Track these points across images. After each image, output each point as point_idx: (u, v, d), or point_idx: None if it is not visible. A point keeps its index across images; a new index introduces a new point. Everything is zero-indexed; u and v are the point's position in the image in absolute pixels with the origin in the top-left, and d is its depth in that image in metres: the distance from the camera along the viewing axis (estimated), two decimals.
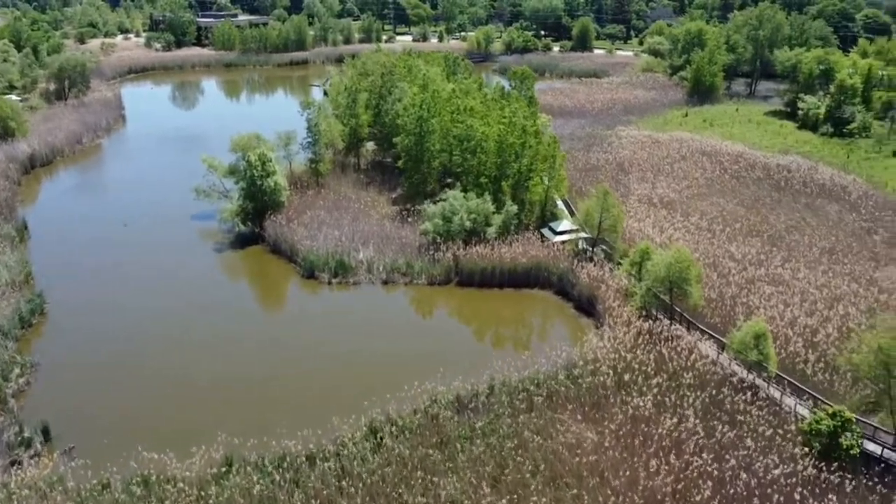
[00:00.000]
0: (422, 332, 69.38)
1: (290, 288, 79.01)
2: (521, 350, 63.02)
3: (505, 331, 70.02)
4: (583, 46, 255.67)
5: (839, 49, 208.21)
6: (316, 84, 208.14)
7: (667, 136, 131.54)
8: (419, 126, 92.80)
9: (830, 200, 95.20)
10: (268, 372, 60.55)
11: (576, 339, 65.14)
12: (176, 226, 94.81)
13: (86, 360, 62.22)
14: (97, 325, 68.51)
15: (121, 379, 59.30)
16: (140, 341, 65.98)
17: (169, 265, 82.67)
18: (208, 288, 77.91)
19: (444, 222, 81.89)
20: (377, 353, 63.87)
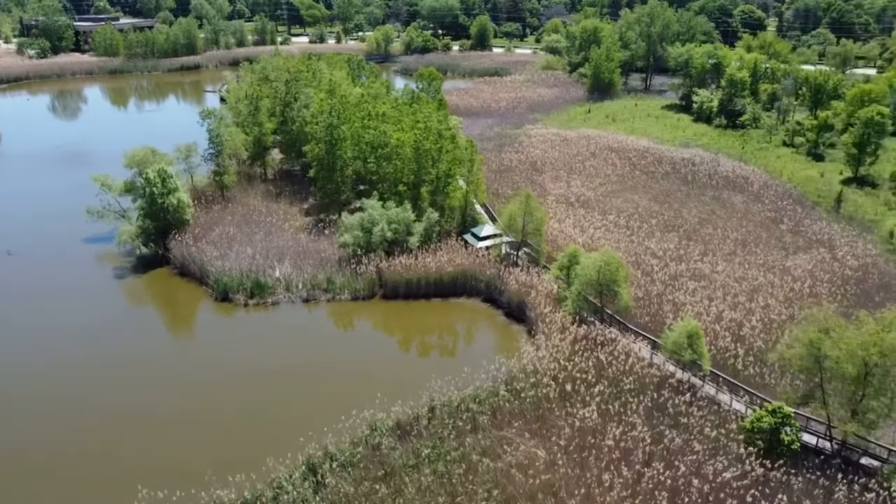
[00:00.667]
0: (351, 352, 66.12)
1: (203, 313, 73.74)
2: (456, 364, 60.99)
3: (438, 345, 67.90)
4: (482, 45, 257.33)
5: (722, 43, 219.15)
6: (210, 89, 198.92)
7: (574, 133, 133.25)
8: (329, 133, 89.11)
9: (735, 192, 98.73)
10: (184, 409, 55.80)
11: (511, 348, 63.85)
12: (68, 252, 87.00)
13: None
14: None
15: (3, 426, 53.06)
16: (29, 378, 59.53)
17: (62, 294, 75.55)
18: (109, 317, 71.47)
19: (364, 234, 78.83)
20: (306, 378, 60.31)
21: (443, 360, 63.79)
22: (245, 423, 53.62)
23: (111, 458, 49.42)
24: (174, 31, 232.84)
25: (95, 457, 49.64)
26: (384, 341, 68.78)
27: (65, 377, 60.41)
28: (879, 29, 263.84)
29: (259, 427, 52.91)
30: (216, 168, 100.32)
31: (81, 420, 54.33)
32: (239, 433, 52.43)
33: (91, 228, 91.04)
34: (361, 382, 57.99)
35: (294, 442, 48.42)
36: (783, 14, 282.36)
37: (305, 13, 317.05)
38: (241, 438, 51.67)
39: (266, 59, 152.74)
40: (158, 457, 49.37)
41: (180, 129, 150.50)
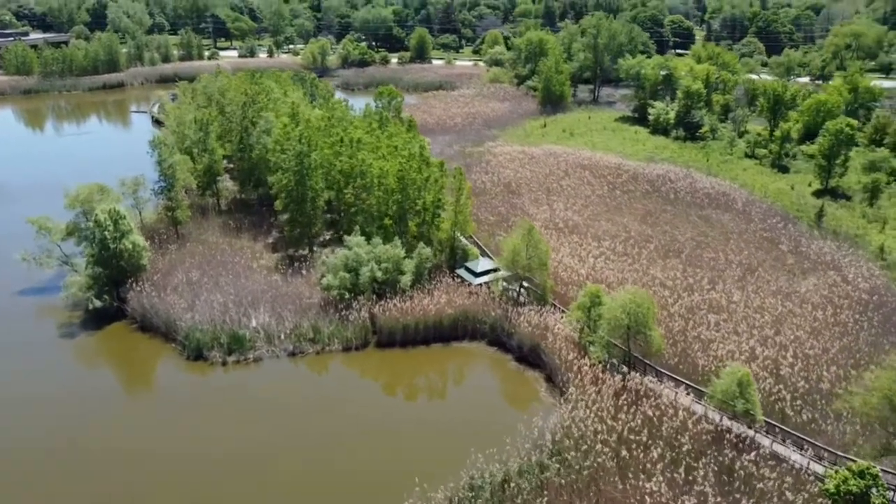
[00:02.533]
0: (355, 417, 58.61)
1: (173, 375, 64.56)
2: (482, 425, 54.66)
3: (453, 401, 60.95)
4: (421, 57, 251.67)
5: (657, 53, 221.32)
6: (138, 110, 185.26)
7: (539, 150, 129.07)
8: (300, 162, 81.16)
9: (721, 210, 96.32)
10: (161, 497, 47.30)
11: (530, 398, 58.29)
12: (2, 305, 75.77)
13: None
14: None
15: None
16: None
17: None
18: (60, 387, 61.54)
19: (350, 275, 71.41)
20: (308, 457, 52.62)
21: (465, 422, 57.00)
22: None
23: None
24: (94, 47, 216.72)
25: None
26: (391, 402, 61.57)
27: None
28: (802, 38, 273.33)
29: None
30: (169, 202, 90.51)
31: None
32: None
33: (26, 278, 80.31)
34: (373, 459, 50.89)
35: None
36: (711, 24, 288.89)
37: (232, 26, 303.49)
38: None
39: (207, 77, 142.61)
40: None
41: (110, 154, 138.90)
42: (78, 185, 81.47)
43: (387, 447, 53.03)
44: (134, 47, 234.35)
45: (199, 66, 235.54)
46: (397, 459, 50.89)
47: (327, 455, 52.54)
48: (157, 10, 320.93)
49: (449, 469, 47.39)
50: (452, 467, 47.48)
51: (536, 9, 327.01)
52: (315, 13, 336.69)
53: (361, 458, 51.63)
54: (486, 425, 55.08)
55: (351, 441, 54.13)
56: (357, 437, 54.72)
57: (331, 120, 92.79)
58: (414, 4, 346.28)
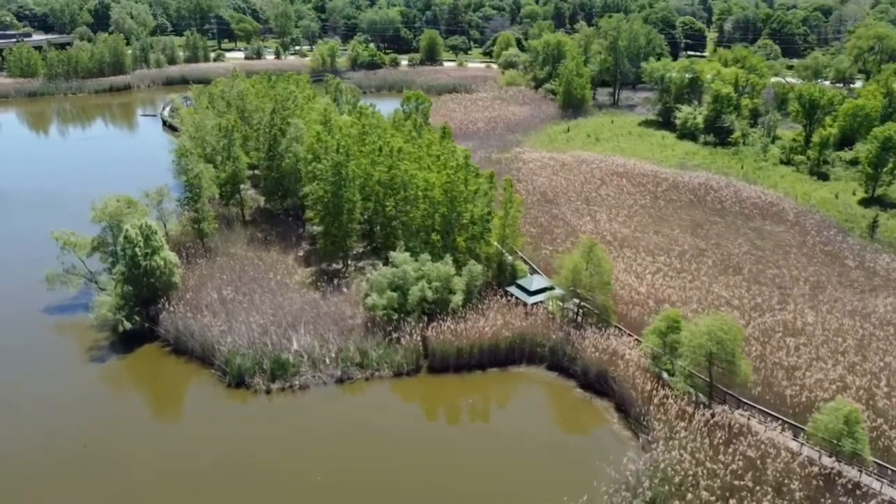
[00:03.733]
0: (420, 452, 54.14)
1: (214, 404, 60.03)
2: (563, 465, 50.37)
3: (520, 434, 55.72)
4: (431, 59, 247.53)
5: (670, 55, 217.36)
6: (147, 113, 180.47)
7: (569, 156, 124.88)
8: (337, 173, 76.71)
9: (772, 221, 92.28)
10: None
11: (604, 432, 53.98)
12: (23, 329, 71.15)
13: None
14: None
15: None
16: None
17: (22, 389, 60.32)
18: (92, 419, 56.99)
19: (398, 294, 66.97)
20: (358, 493, 48.26)
21: (539, 459, 52.57)
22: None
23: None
24: (99, 49, 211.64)
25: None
26: (451, 435, 57.12)
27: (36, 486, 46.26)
28: (816, 40, 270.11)
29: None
30: (195, 214, 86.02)
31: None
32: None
33: (48, 297, 75.58)
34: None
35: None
36: (723, 26, 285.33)
37: (236, 27, 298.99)
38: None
39: (224, 81, 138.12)
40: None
41: (122, 161, 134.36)
42: (104, 197, 76.82)
43: (454, 489, 48.67)
44: (139, 49, 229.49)
45: (207, 69, 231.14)
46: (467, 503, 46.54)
47: (384, 495, 48.16)
48: (159, 11, 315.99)
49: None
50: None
51: (544, 10, 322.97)
52: (319, 14, 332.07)
53: (425, 501, 47.31)
54: (564, 464, 50.85)
55: (411, 481, 49.75)
56: (418, 475, 50.36)
57: (364, 127, 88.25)
58: (418, 6, 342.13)
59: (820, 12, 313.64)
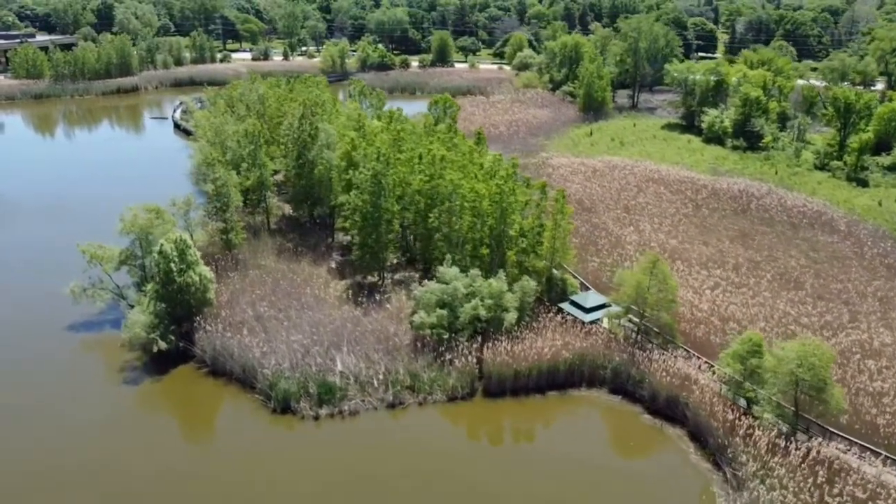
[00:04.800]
0: (482, 488, 50.33)
1: (259, 431, 56.18)
2: (646, 502, 46.66)
3: (595, 467, 51.97)
4: (442, 60, 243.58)
5: (684, 56, 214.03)
6: (158, 116, 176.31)
7: (598, 161, 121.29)
8: (376, 182, 72.94)
9: (822, 231, 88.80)
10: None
11: (682, 465, 50.33)
12: (50, 347, 67.26)
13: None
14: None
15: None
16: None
17: (52, 413, 56.54)
18: (132, 446, 53.16)
19: (448, 312, 63.19)
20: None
21: (619, 498, 48.86)
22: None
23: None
24: (106, 49, 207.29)
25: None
26: (519, 463, 53.24)
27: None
28: (830, 41, 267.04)
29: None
30: (223, 224, 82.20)
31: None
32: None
33: (71, 312, 71.73)
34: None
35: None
36: (734, 26, 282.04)
37: (241, 27, 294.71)
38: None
39: (239, 84, 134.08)
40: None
41: (135, 165, 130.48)
42: (131, 208, 72.84)
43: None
44: (145, 49, 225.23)
45: (214, 70, 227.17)
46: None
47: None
48: (162, 11, 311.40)
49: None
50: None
51: (553, 11, 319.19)
52: (324, 15, 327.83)
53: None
54: (643, 497, 47.36)
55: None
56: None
57: (399, 133, 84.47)
58: (423, 6, 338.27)
59: (828, 13, 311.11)
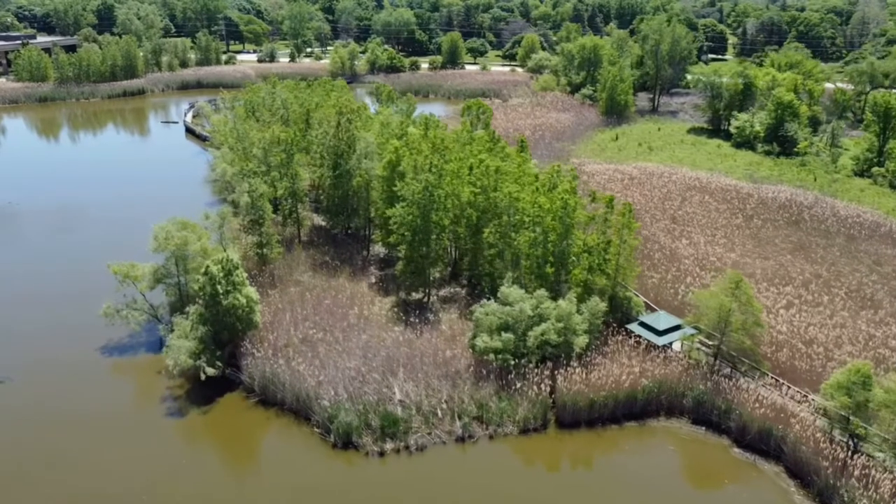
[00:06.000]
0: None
1: (322, 470, 51.83)
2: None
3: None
4: (453, 62, 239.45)
5: (697, 59, 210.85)
6: (170, 120, 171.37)
7: (633, 168, 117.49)
8: (429, 195, 68.73)
9: (884, 243, 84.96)
10: None
11: (778, 500, 46.49)
12: (84, 373, 62.75)
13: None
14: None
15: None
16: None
17: (91, 448, 51.99)
18: (181, 483, 48.77)
19: (515, 337, 58.96)
20: None
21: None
22: None
23: None
24: (111, 51, 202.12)
25: None
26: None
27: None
28: (844, 43, 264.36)
29: None
30: (259, 239, 77.86)
31: None
32: None
33: (106, 333, 67.34)
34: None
35: None
36: (745, 28, 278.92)
37: (245, 29, 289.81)
38: None
39: (255, 88, 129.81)
40: None
41: (148, 170, 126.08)
42: (164, 225, 68.16)
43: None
44: (150, 51, 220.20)
45: (221, 72, 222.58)
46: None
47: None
48: (164, 12, 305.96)
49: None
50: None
51: (561, 12, 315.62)
52: (327, 16, 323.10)
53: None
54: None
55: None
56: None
57: (442, 141, 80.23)
58: (426, 7, 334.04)
59: (834, 14, 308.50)
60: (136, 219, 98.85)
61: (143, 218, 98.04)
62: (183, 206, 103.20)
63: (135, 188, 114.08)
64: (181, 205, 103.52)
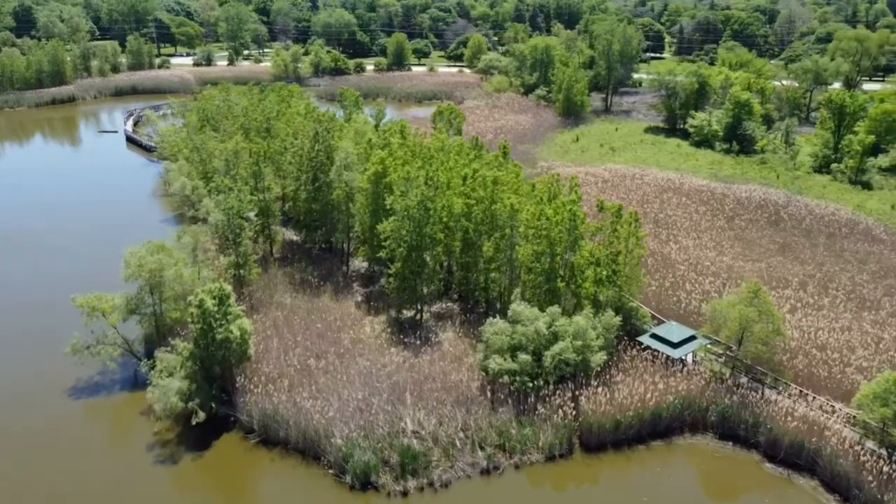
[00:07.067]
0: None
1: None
2: None
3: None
4: (399, 64, 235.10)
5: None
6: (108, 130, 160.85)
7: (603, 170, 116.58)
8: (424, 209, 65.03)
9: (864, 240, 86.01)
10: None
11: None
12: (49, 417, 56.34)
13: None
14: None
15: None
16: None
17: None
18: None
19: (531, 357, 55.97)
20: None
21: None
22: None
23: None
24: (37, 57, 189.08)
25: None
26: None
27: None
28: (777, 40, 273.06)
29: None
30: (235, 259, 72.43)
31: None
32: None
33: (74, 372, 61.01)
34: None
35: None
36: (682, 27, 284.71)
37: (177, 31, 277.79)
38: None
39: (210, 94, 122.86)
40: None
41: (90, 184, 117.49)
42: (135, 249, 62.11)
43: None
44: (79, 56, 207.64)
45: (157, 77, 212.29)
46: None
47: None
48: (87, 14, 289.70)
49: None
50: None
51: (500, 12, 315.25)
52: (262, 17, 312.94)
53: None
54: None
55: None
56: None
57: (429, 150, 76.58)
58: (362, 7, 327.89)
59: (760, 13, 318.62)
60: (90, 241, 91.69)
61: (97, 240, 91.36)
62: (138, 224, 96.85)
63: (79, 206, 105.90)
64: (136, 224, 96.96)
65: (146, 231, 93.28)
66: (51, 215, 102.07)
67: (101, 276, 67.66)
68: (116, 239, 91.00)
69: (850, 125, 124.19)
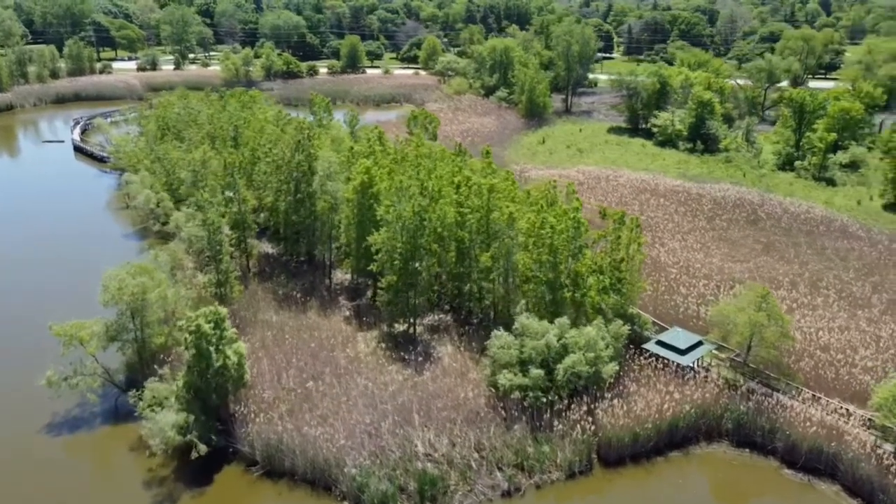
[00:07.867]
0: None
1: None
2: None
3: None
4: (353, 67, 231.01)
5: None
6: (53, 139, 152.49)
7: (576, 171, 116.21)
8: (419, 221, 62.65)
9: (842, 238, 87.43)
10: None
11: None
12: (32, 458, 51.85)
13: None
14: None
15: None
16: None
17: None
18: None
19: (544, 372, 54.29)
20: None
21: None
22: None
23: None
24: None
25: None
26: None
27: None
28: (722, 40, 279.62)
29: None
30: (218, 277, 68.56)
31: None
32: None
33: (50, 406, 56.50)
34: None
35: None
36: (630, 27, 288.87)
37: (117, 34, 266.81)
38: None
39: (170, 99, 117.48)
40: None
41: (38, 198, 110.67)
42: (113, 272, 57.87)
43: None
44: (15, 62, 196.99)
45: (101, 82, 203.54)
46: None
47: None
48: (20, 16, 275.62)
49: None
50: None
51: (451, 13, 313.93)
52: (205, 20, 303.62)
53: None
54: None
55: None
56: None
57: (416, 158, 74.19)
58: (308, 9, 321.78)
59: (701, 13, 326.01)
60: (50, 261, 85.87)
61: (59, 259, 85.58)
62: (100, 240, 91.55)
63: (33, 223, 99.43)
64: (97, 240, 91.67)
65: (111, 248, 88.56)
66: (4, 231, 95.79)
67: (68, 298, 63.12)
68: (80, 255, 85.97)
69: (810, 123, 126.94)
